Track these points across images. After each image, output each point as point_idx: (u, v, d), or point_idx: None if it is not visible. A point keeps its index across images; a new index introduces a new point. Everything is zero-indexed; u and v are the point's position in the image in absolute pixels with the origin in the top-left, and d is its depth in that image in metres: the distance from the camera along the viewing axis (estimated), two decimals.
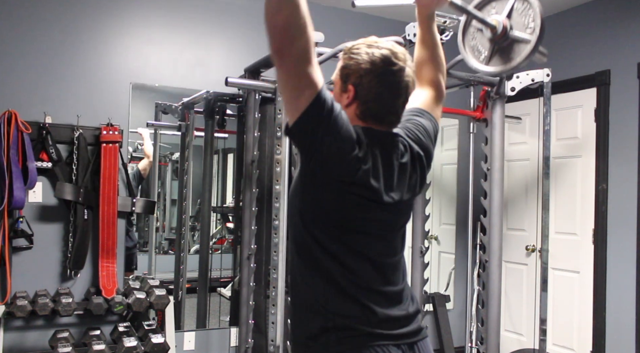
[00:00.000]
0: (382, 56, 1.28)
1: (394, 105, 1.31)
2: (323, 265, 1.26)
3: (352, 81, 1.29)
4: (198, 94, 3.40)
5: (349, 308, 1.25)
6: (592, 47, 3.60)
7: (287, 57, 1.11)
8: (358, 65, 1.28)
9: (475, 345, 3.18)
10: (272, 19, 1.09)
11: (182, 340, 3.27)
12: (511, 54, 1.74)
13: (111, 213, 2.97)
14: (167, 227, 3.84)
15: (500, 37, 1.73)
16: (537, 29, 1.68)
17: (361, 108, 1.29)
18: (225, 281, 3.66)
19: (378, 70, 1.27)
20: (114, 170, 2.97)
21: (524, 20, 1.72)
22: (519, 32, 1.72)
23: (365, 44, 1.31)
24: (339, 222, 1.26)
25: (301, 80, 1.13)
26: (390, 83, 1.28)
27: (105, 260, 2.98)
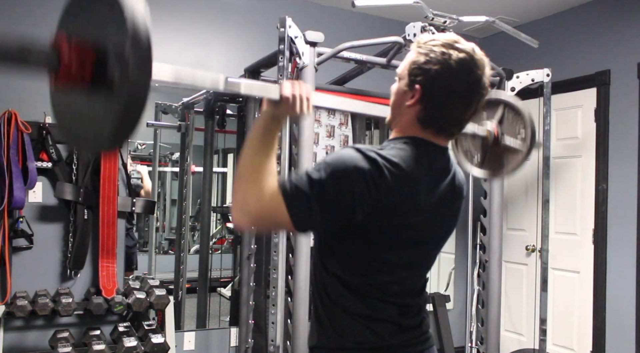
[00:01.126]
0: (460, 61, 1.13)
1: (461, 117, 1.19)
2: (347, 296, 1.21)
3: (421, 81, 1.15)
4: (198, 94, 3.41)
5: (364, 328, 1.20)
6: (592, 47, 3.60)
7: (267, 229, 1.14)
8: (431, 64, 1.14)
9: (475, 345, 3.18)
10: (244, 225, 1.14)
11: (182, 340, 3.27)
12: (503, 160, 1.75)
13: (111, 213, 2.97)
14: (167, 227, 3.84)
15: (492, 145, 1.74)
16: (528, 140, 1.70)
17: (424, 113, 1.17)
18: (225, 281, 3.67)
19: (453, 76, 1.14)
20: (114, 170, 2.97)
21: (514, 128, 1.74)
22: (511, 141, 1.73)
23: (443, 43, 1.15)
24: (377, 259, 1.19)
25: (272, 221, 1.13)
26: (464, 92, 1.16)
27: (105, 260, 2.98)
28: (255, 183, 1.11)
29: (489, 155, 1.76)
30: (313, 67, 2.41)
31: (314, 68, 2.42)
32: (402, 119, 1.22)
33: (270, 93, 1.20)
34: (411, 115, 1.19)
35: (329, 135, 3.07)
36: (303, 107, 1.21)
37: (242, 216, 1.12)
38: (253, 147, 1.17)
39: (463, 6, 3.56)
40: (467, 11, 3.05)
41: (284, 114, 1.20)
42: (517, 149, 1.72)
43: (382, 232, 1.14)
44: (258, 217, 1.12)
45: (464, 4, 3.59)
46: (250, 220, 1.13)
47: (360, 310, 1.18)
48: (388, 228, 1.14)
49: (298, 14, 2.63)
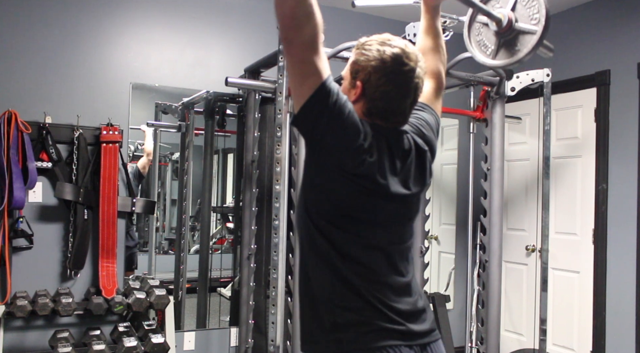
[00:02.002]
0: (393, 55, 1.25)
1: (401, 106, 1.30)
2: (330, 258, 1.26)
3: (361, 77, 1.28)
4: (198, 94, 3.40)
5: (356, 301, 1.25)
6: (592, 47, 3.60)
7: (294, 44, 1.13)
8: (368, 61, 1.27)
9: (475, 345, 3.18)
10: (279, 7, 1.12)
11: (182, 340, 3.27)
12: (518, 46, 1.74)
13: (111, 213, 2.97)
14: (167, 227, 3.84)
15: (506, 30, 1.73)
16: (542, 19, 1.67)
17: (367, 105, 1.28)
18: (225, 281, 3.66)
19: (387, 68, 1.25)
20: (114, 170, 2.97)
21: (528, 12, 1.72)
22: (525, 24, 1.71)
23: (377, 41, 1.29)
24: (344, 211, 1.25)
25: (306, 67, 1.14)
26: (399, 83, 1.27)
27: (105, 260, 2.98)
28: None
29: (503, 43, 1.76)
30: None
31: None
32: None
33: None
34: (358, 110, 1.28)
35: None
36: None
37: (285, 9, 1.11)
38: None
39: (463, 6, 3.55)
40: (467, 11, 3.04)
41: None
42: (532, 30, 1.69)
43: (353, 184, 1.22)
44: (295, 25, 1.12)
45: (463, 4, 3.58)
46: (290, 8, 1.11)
47: (349, 298, 1.25)
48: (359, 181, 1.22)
49: None
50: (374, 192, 1.24)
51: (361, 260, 1.27)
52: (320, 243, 1.26)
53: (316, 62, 1.14)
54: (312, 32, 1.12)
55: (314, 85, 1.15)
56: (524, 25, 1.71)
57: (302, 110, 1.17)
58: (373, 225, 1.29)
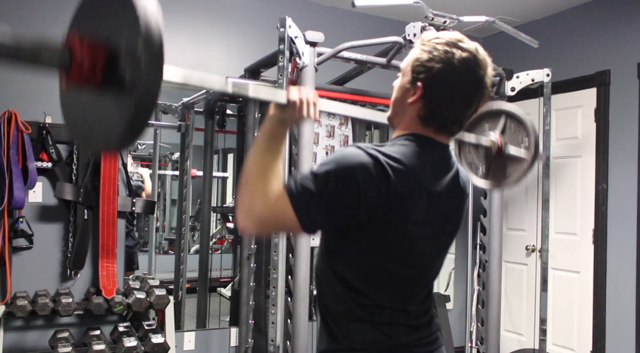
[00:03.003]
0: (463, 60, 1.14)
1: (462, 116, 1.19)
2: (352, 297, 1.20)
3: (423, 78, 1.16)
4: (198, 94, 3.41)
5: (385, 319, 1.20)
6: (592, 47, 3.60)
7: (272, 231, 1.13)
8: (434, 62, 1.15)
9: (475, 345, 3.18)
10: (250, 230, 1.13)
11: (182, 340, 3.27)
12: (508, 169, 1.74)
13: (111, 213, 2.97)
14: (167, 227, 3.84)
15: (496, 156, 1.74)
16: (532, 148, 1.69)
17: (425, 110, 1.18)
18: (225, 281, 3.67)
19: (456, 75, 1.14)
20: (114, 170, 2.97)
21: (518, 137, 1.74)
22: (515, 150, 1.72)
23: (447, 41, 1.16)
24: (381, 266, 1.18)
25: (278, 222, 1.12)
26: (466, 91, 1.16)
27: (105, 260, 2.98)
28: (261, 187, 1.11)
29: (494, 166, 1.76)
30: (313, 67, 2.41)
31: (314, 68, 2.42)
32: (404, 115, 1.22)
33: (278, 97, 1.19)
34: (412, 112, 1.20)
35: (329, 135, 3.07)
36: (310, 111, 1.20)
37: (248, 221, 1.11)
38: (259, 150, 1.17)
39: (463, 6, 3.56)
40: (467, 11, 3.04)
41: (291, 118, 1.20)
42: (522, 158, 1.71)
43: (386, 227, 1.13)
44: (264, 221, 1.11)
45: (464, 4, 3.59)
46: (256, 225, 1.12)
47: (367, 315, 1.18)
48: (392, 223, 1.13)
49: (298, 14, 2.63)
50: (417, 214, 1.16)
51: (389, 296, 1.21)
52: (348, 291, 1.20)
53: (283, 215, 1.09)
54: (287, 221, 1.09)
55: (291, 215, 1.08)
56: (514, 153, 1.72)
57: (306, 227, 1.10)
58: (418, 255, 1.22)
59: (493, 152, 1.73)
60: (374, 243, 1.15)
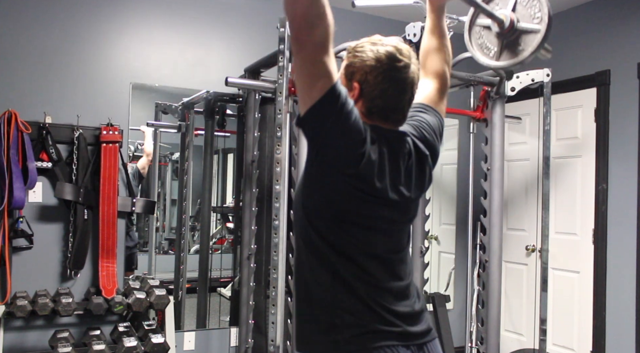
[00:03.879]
0: (387, 53, 1.27)
1: (400, 102, 1.30)
2: (329, 260, 1.26)
3: (357, 79, 1.28)
4: (198, 94, 3.40)
5: (355, 304, 1.25)
6: (592, 47, 3.60)
7: (305, 44, 1.11)
8: (363, 62, 1.28)
9: (475, 345, 3.18)
10: (291, 7, 1.09)
11: (182, 340, 3.27)
12: (521, 46, 1.72)
13: (111, 213, 2.97)
14: (167, 227, 3.84)
15: (508, 31, 1.72)
16: (545, 18, 1.66)
17: (366, 105, 1.29)
18: (225, 281, 3.66)
19: (383, 66, 1.26)
20: (114, 170, 2.97)
21: (529, 12, 1.71)
22: (527, 24, 1.70)
23: (369, 42, 1.31)
24: (343, 215, 1.25)
25: (317, 69, 1.13)
26: (396, 79, 1.28)
27: (105, 260, 2.98)
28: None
29: (506, 43, 1.74)
30: None
31: None
32: None
33: None
34: (358, 111, 1.27)
35: None
36: None
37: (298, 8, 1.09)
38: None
39: (463, 6, 3.54)
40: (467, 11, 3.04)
41: None
42: (535, 29, 1.68)
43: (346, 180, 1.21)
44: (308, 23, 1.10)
45: (464, 4, 3.58)
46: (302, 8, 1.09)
47: (343, 293, 1.25)
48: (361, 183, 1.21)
49: None
50: (372, 197, 1.24)
51: (361, 264, 1.26)
52: (320, 245, 1.26)
53: (327, 63, 1.12)
54: (324, 33, 1.11)
55: (324, 88, 1.13)
56: (526, 25, 1.70)
57: (309, 112, 1.16)
58: (371, 230, 1.28)
59: (505, 27, 1.71)
60: (336, 189, 1.22)
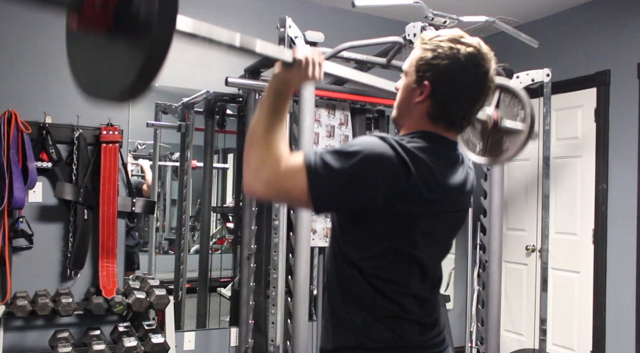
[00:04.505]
0: (469, 54, 1.15)
1: (470, 111, 1.21)
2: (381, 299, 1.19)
3: (430, 77, 1.16)
4: (198, 94, 3.41)
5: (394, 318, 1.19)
6: (592, 47, 3.60)
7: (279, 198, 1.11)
8: (439, 60, 1.15)
9: (475, 345, 3.18)
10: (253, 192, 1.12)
11: (182, 340, 3.27)
12: (505, 145, 1.74)
13: (111, 213, 2.97)
14: (167, 227, 3.84)
15: (492, 130, 1.74)
16: (527, 118, 1.69)
17: (434, 108, 1.18)
18: (225, 281, 3.66)
19: (462, 71, 1.15)
20: (114, 170, 2.97)
21: (513, 110, 1.74)
22: (511, 123, 1.72)
23: (450, 38, 1.17)
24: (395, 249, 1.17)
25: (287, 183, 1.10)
26: (473, 86, 1.18)
27: (105, 260, 2.98)
28: (268, 148, 1.10)
29: (490, 142, 1.76)
30: None
31: None
32: (411, 115, 1.22)
33: (284, 55, 1.18)
34: (421, 111, 1.20)
35: (329, 135, 3.07)
36: (315, 71, 1.21)
37: (255, 182, 1.10)
38: (264, 110, 1.16)
39: (463, 6, 3.56)
40: (467, 11, 3.05)
41: (296, 78, 1.20)
42: (518, 130, 1.71)
43: (399, 217, 1.13)
44: (272, 186, 1.09)
45: (464, 4, 3.59)
46: (263, 188, 1.10)
47: (381, 304, 1.17)
48: (405, 214, 1.13)
49: (298, 14, 2.63)
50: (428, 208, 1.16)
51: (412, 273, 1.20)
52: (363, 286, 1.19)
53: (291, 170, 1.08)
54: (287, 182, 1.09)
55: (302, 179, 1.06)
56: (510, 125, 1.71)
57: (315, 200, 1.08)
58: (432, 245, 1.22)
59: (489, 126, 1.73)
60: (388, 227, 1.15)
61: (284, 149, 1.11)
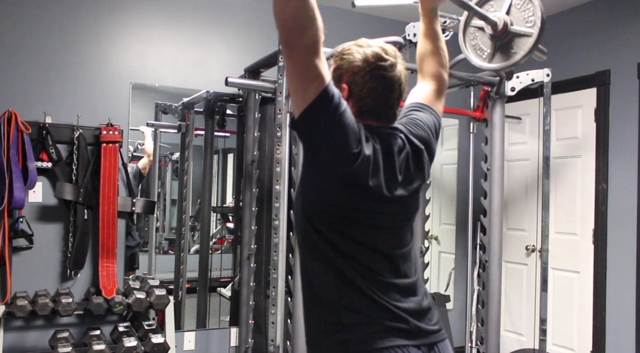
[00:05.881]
0: (373, 53, 1.31)
1: (389, 100, 1.33)
2: (332, 260, 1.25)
3: (346, 80, 1.32)
4: (198, 94, 3.41)
5: (361, 301, 1.24)
6: (592, 47, 3.60)
7: (295, 48, 1.12)
8: (350, 64, 1.31)
9: (475, 345, 3.18)
10: (280, 11, 1.10)
11: (182, 340, 3.27)
12: (514, 48, 1.74)
13: (111, 213, 2.97)
14: (167, 227, 3.84)
15: (502, 33, 1.74)
16: (537, 22, 1.68)
17: (357, 105, 1.31)
18: (225, 281, 3.66)
19: (370, 66, 1.30)
20: (114, 170, 2.97)
21: (523, 15, 1.73)
22: (520, 27, 1.72)
23: (355, 45, 1.35)
24: (342, 214, 1.25)
25: (309, 72, 1.13)
26: (383, 78, 1.31)
27: (105, 260, 2.98)
28: None
29: (499, 46, 1.76)
30: None
31: None
32: None
33: None
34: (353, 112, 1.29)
35: None
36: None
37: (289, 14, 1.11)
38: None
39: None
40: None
41: None
42: (528, 32, 1.70)
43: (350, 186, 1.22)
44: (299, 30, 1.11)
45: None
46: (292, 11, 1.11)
47: (352, 295, 1.25)
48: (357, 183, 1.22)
49: None
50: (370, 194, 1.24)
51: (363, 262, 1.26)
52: (321, 245, 1.26)
53: (318, 66, 1.13)
54: (315, 36, 1.11)
55: (317, 90, 1.14)
56: (519, 28, 1.72)
57: (304, 114, 1.16)
58: (372, 228, 1.28)
59: (499, 29, 1.73)
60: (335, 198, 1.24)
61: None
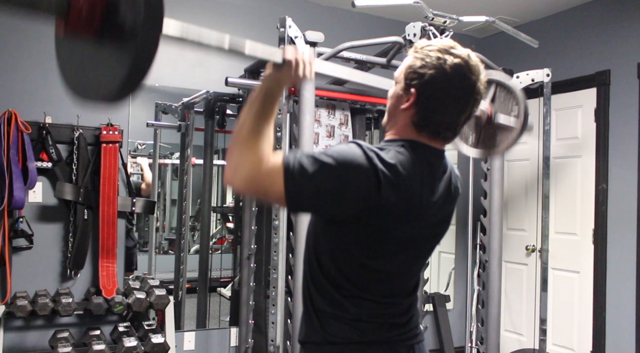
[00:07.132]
0: (455, 65, 1.16)
1: (455, 122, 1.20)
2: (346, 292, 1.22)
3: (416, 85, 1.18)
4: (198, 94, 3.41)
5: (367, 312, 1.22)
6: (592, 47, 3.60)
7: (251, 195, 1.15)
8: (426, 69, 1.17)
9: (475, 345, 3.18)
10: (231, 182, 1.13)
11: (182, 340, 3.27)
12: (497, 139, 1.77)
13: (111, 213, 2.97)
14: (167, 227, 3.84)
15: (486, 124, 1.75)
16: (521, 115, 1.71)
17: (419, 116, 1.19)
18: (225, 281, 3.67)
19: (447, 81, 1.16)
20: (114, 170, 2.97)
21: (507, 105, 1.75)
22: (504, 119, 1.74)
23: (439, 48, 1.18)
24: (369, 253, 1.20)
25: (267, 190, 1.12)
26: (458, 97, 1.17)
27: (105, 260, 2.98)
28: (252, 147, 1.12)
29: (483, 135, 1.78)
30: None
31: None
32: (398, 122, 1.24)
33: (274, 56, 1.20)
34: (406, 118, 1.21)
35: (329, 135, 3.07)
36: (305, 71, 1.22)
37: (234, 178, 1.12)
38: (253, 109, 1.17)
39: (463, 6, 3.56)
40: (467, 11, 3.05)
41: (287, 78, 1.21)
42: (511, 126, 1.73)
43: (374, 230, 1.16)
44: (250, 183, 1.12)
45: (464, 4, 3.59)
46: (242, 184, 1.12)
47: (350, 312, 1.20)
48: (381, 227, 1.15)
49: (298, 14, 2.63)
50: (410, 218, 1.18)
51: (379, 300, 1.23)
52: (336, 277, 1.22)
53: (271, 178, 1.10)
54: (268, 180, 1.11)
55: (279, 178, 1.09)
56: (503, 122, 1.74)
57: (290, 198, 1.10)
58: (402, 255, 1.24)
59: (483, 120, 1.75)
60: (356, 241, 1.17)
61: (267, 149, 1.13)
